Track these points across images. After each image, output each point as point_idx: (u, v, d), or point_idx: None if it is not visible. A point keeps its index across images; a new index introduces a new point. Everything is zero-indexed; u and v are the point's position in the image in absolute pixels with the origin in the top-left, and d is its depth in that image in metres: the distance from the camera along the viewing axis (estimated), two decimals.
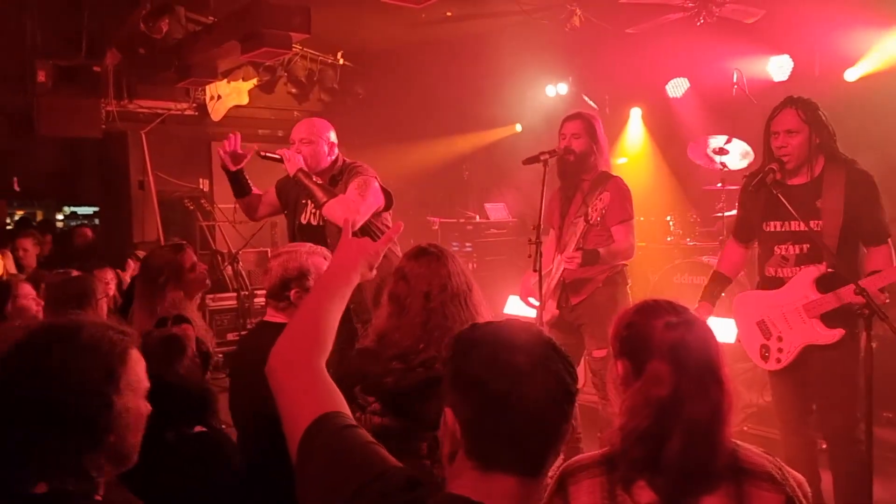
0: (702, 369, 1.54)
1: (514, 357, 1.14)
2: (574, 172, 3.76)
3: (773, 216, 3.05)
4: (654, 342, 1.57)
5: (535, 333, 1.21)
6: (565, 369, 1.16)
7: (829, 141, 2.97)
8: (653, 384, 1.53)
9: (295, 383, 1.29)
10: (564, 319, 3.79)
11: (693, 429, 1.50)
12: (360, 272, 1.53)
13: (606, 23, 6.08)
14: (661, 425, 1.51)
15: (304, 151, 3.58)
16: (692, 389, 1.51)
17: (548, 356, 1.16)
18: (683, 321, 1.59)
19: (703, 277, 5.59)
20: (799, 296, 2.98)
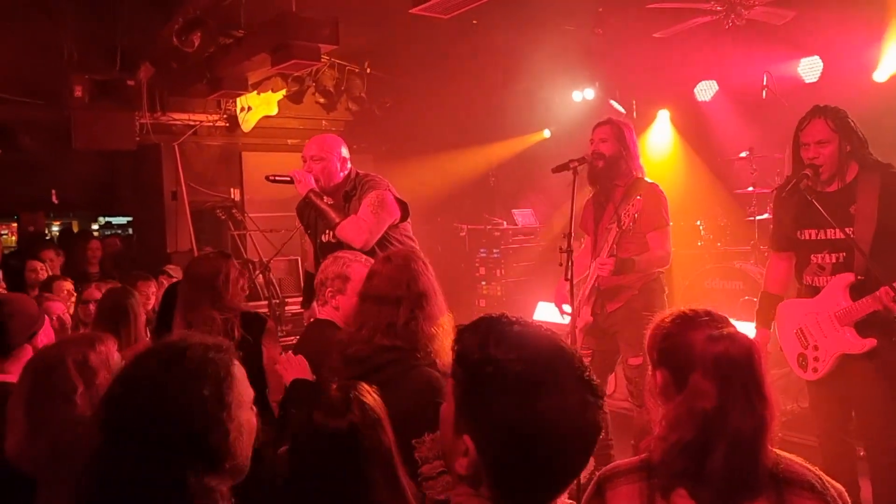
0: (746, 383, 1.53)
1: (546, 399, 1.07)
2: (605, 178, 3.76)
3: (808, 224, 3.02)
4: (696, 355, 1.57)
5: (568, 369, 1.11)
6: (595, 403, 1.11)
7: (860, 147, 2.94)
8: (697, 397, 1.53)
9: None
10: (600, 326, 3.79)
11: (737, 441, 1.49)
12: None
13: (633, 28, 6.05)
14: (704, 438, 1.50)
15: (316, 169, 3.56)
16: (737, 403, 1.51)
17: (579, 392, 1.09)
18: (727, 334, 1.59)
19: (735, 282, 5.58)
20: (832, 304, 2.96)
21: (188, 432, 1.30)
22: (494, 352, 1.10)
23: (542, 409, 1.06)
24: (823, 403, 3.13)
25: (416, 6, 4.52)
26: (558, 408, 1.07)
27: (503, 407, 1.08)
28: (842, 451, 3.10)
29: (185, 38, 6.07)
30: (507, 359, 1.09)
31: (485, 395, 1.10)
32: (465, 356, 1.14)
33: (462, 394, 1.13)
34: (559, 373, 1.09)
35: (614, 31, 6.29)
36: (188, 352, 1.37)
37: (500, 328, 1.14)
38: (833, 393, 3.06)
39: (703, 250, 6.11)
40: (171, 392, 1.32)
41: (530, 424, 1.07)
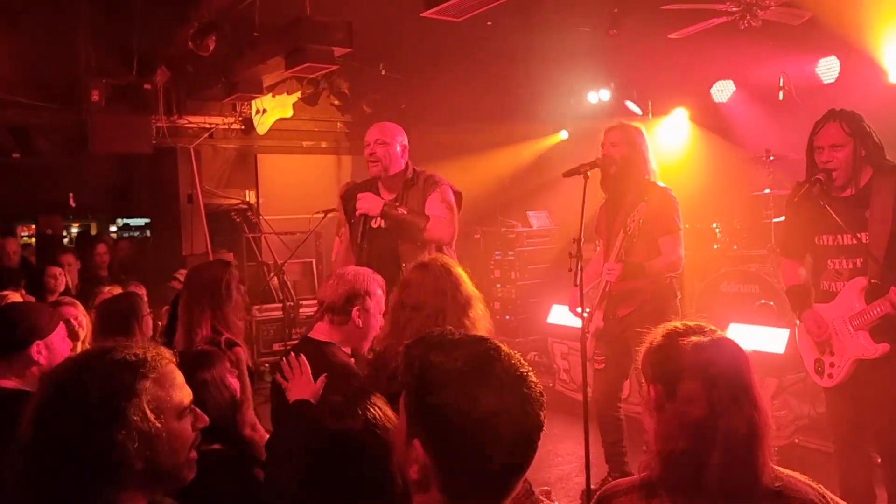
0: (734, 387, 1.54)
1: (485, 393, 1.15)
2: (617, 182, 3.73)
3: (824, 230, 2.99)
4: (684, 363, 1.57)
5: (505, 366, 1.20)
6: (533, 397, 1.18)
7: (875, 151, 2.91)
8: (687, 405, 1.53)
9: None
10: (611, 331, 3.76)
11: (731, 447, 1.48)
12: None
13: (649, 28, 6.01)
14: (698, 446, 1.50)
15: (379, 151, 3.66)
16: (726, 406, 1.51)
17: (517, 387, 1.18)
18: (712, 341, 1.60)
19: (751, 286, 5.52)
20: (846, 308, 2.93)
21: (93, 444, 1.25)
22: (435, 357, 1.20)
23: (481, 402, 1.14)
24: (839, 410, 3.09)
25: (428, 9, 4.52)
26: (497, 401, 1.15)
27: (446, 404, 1.15)
28: (857, 459, 3.07)
29: (200, 42, 6.12)
30: (447, 360, 1.18)
31: (429, 396, 1.18)
32: (411, 365, 1.22)
33: (410, 401, 1.22)
34: (495, 370, 1.18)
35: (629, 32, 6.25)
36: (97, 358, 1.32)
37: (439, 338, 1.24)
38: (848, 400, 3.02)
39: (718, 253, 6.05)
40: (71, 402, 1.27)
41: (472, 418, 1.14)
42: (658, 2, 5.33)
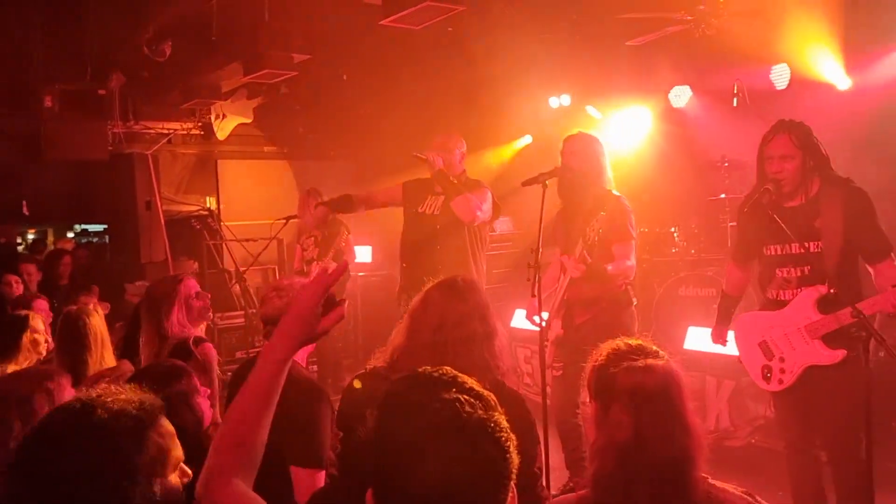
0: (663, 414, 1.56)
1: (433, 478, 1.07)
2: (574, 191, 3.78)
3: (772, 239, 3.06)
4: (616, 386, 1.61)
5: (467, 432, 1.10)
6: (497, 453, 1.10)
7: (822, 162, 2.99)
8: (615, 428, 1.56)
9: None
10: (569, 339, 3.80)
11: (659, 474, 1.52)
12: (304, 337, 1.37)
13: (607, 35, 6.09)
14: (626, 470, 1.52)
15: (444, 159, 4.38)
16: (654, 433, 1.53)
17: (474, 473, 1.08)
18: (643, 366, 1.62)
19: (709, 289, 5.62)
20: (801, 317, 2.99)
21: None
22: (397, 417, 1.13)
23: (426, 482, 1.07)
24: (788, 414, 3.17)
25: (386, 17, 4.53)
26: (443, 480, 1.07)
27: (392, 471, 1.10)
28: (807, 461, 3.14)
29: (156, 48, 6.04)
30: (404, 427, 1.11)
31: (380, 458, 1.12)
32: (380, 409, 1.17)
33: (367, 454, 1.16)
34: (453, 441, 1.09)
35: (589, 39, 6.32)
36: (95, 415, 1.26)
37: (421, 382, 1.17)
38: (798, 404, 3.10)
39: (677, 257, 6.14)
40: (72, 462, 1.22)
41: (417, 485, 1.08)
42: (615, 10, 5.41)
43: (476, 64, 7.23)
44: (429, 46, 6.80)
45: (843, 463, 2.95)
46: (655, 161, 7.26)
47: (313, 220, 5.79)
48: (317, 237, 6.57)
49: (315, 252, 6.55)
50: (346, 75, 7.93)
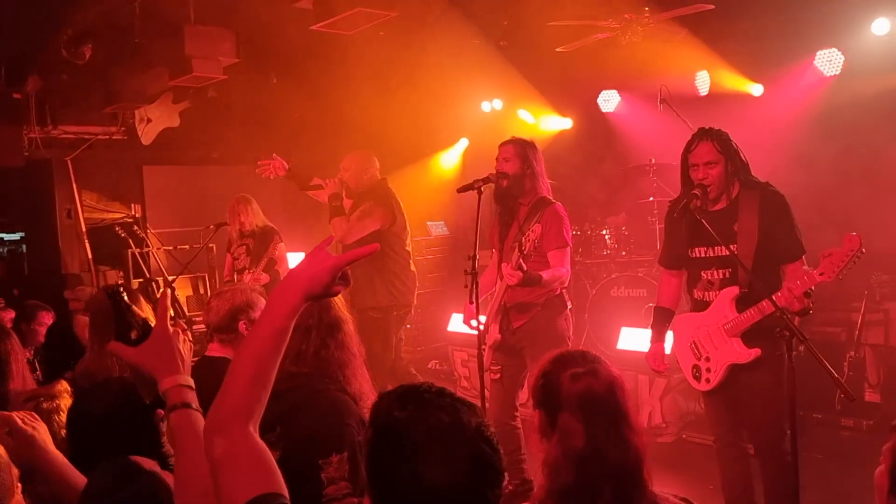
0: (614, 417, 1.58)
1: (432, 475, 1.10)
2: (509, 197, 3.82)
3: (698, 242, 3.16)
4: (562, 395, 1.61)
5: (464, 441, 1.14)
6: (488, 479, 1.14)
7: (742, 168, 3.11)
8: (567, 437, 1.56)
9: (228, 453, 1.20)
10: (507, 342, 3.84)
11: (621, 477, 1.53)
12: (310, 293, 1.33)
13: (537, 41, 6.17)
14: (586, 479, 1.53)
15: (345, 176, 4.91)
16: (608, 439, 1.55)
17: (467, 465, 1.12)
18: (588, 371, 1.63)
19: (640, 290, 5.78)
20: (720, 316, 3.11)
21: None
22: (398, 415, 1.15)
23: (427, 476, 1.10)
24: (716, 412, 3.28)
25: (318, 23, 4.47)
26: (444, 478, 1.10)
27: (394, 470, 1.12)
28: (736, 455, 3.26)
29: (75, 50, 5.77)
30: (406, 423, 1.14)
31: (381, 456, 1.15)
32: (375, 419, 1.19)
33: (368, 454, 1.18)
34: (451, 445, 1.13)
35: (519, 44, 6.41)
36: None
37: (412, 394, 1.19)
38: (725, 401, 3.21)
39: (609, 259, 6.29)
40: None
41: (415, 489, 1.10)
42: (545, 17, 5.50)
43: (408, 68, 7.23)
44: (360, 51, 6.75)
45: (770, 455, 3.08)
46: (585, 164, 7.42)
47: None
48: (248, 245, 6.42)
49: (247, 261, 6.40)
50: (276, 79, 7.79)
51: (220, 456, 1.20)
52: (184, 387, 1.37)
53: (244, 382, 1.27)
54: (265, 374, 1.28)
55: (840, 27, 5.55)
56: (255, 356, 1.28)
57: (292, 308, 1.31)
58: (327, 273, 1.31)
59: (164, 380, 1.37)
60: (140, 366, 1.39)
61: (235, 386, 1.26)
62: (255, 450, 1.22)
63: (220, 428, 1.23)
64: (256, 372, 1.27)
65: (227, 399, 1.25)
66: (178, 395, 1.36)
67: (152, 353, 1.39)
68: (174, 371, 1.38)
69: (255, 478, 1.17)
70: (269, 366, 1.28)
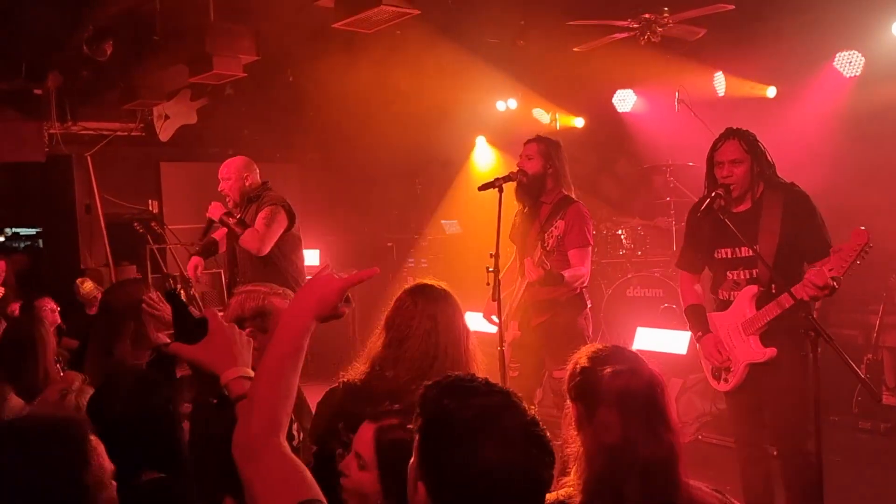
0: (649, 414, 1.61)
1: (490, 455, 1.14)
2: (531, 195, 3.83)
3: (722, 243, 3.16)
4: (601, 390, 1.65)
5: (516, 422, 1.19)
6: (540, 458, 1.18)
7: (767, 168, 3.11)
8: (603, 431, 1.60)
9: (261, 472, 1.22)
10: (526, 340, 3.86)
11: (649, 471, 1.55)
12: (319, 315, 1.38)
13: (554, 41, 6.18)
14: (616, 470, 1.56)
15: (225, 187, 4.56)
16: (642, 434, 1.58)
17: (524, 446, 1.17)
18: (628, 368, 1.66)
19: (656, 290, 5.77)
20: (739, 315, 3.11)
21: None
22: (448, 402, 1.19)
23: (484, 459, 1.14)
24: (738, 412, 3.28)
25: (339, 20, 4.49)
26: (500, 457, 1.14)
27: (450, 454, 1.16)
28: (757, 457, 3.26)
29: (96, 47, 5.81)
30: (458, 408, 1.18)
31: (436, 442, 1.18)
32: (425, 407, 1.22)
33: (419, 445, 1.21)
34: (506, 426, 1.17)
35: (536, 44, 6.40)
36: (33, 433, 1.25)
37: (459, 383, 1.23)
38: (746, 402, 3.21)
39: (624, 259, 6.28)
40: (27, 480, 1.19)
41: (473, 473, 1.14)
42: (563, 16, 5.50)
43: (424, 67, 7.25)
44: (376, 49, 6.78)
45: (793, 457, 3.07)
46: (600, 164, 7.42)
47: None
48: None
49: None
50: (293, 77, 7.83)
51: (253, 475, 1.22)
52: (244, 378, 1.40)
53: (270, 402, 1.29)
54: (288, 388, 1.31)
55: (860, 29, 5.53)
56: (276, 376, 1.31)
57: (305, 329, 1.36)
58: (335, 295, 1.37)
59: (224, 373, 1.40)
60: (201, 363, 1.42)
61: (260, 406, 1.28)
62: (286, 461, 1.24)
63: (251, 448, 1.25)
64: (279, 390, 1.30)
65: (253, 421, 1.27)
66: (240, 386, 1.38)
67: (211, 349, 1.42)
68: (232, 363, 1.40)
69: (291, 488, 1.19)
70: (290, 381, 1.32)
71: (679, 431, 1.65)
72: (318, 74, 7.75)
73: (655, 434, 1.58)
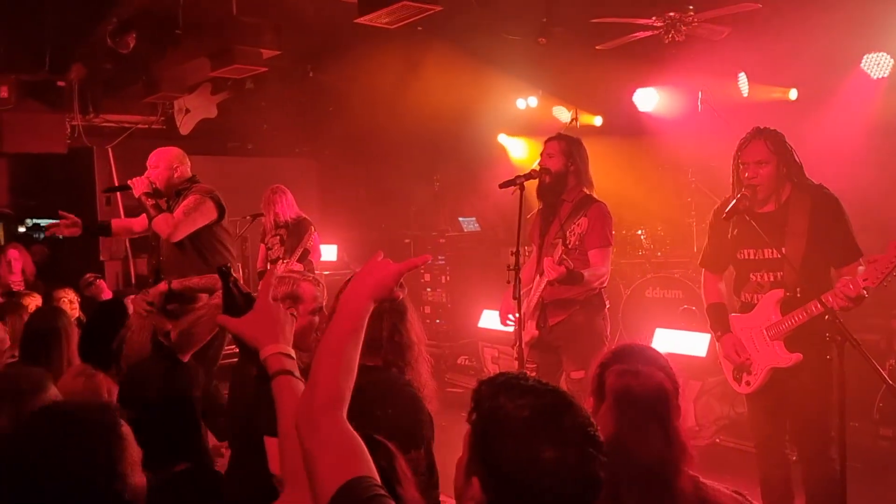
0: (645, 417, 1.61)
1: (547, 447, 1.15)
2: (551, 193, 3.80)
3: (747, 244, 3.12)
4: (607, 387, 1.67)
5: (573, 422, 1.19)
6: (597, 457, 1.18)
7: (795, 169, 3.05)
8: (601, 422, 1.57)
9: (320, 443, 1.25)
10: (543, 340, 3.82)
11: (641, 475, 1.55)
12: (376, 297, 1.43)
13: (576, 39, 6.14)
14: (610, 473, 1.55)
15: (152, 175, 4.38)
16: (633, 435, 1.58)
17: (581, 445, 1.17)
18: (634, 370, 1.67)
19: (675, 291, 5.72)
20: (763, 319, 3.06)
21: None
22: (504, 400, 1.20)
23: (542, 456, 1.15)
24: (759, 415, 3.23)
25: (362, 16, 4.49)
26: (558, 457, 1.15)
27: (507, 451, 1.17)
28: (777, 461, 3.21)
29: (119, 40, 5.85)
30: (515, 406, 1.19)
31: (493, 439, 1.19)
32: (480, 404, 1.23)
33: (474, 439, 1.22)
34: (563, 424, 1.18)
35: (558, 42, 6.37)
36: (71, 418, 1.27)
37: (513, 381, 1.24)
38: (768, 405, 3.16)
39: (644, 259, 6.24)
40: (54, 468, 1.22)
41: (530, 470, 1.15)
42: (586, 14, 5.47)
43: (445, 64, 7.23)
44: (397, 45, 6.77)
45: (815, 462, 3.02)
46: (621, 163, 7.36)
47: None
48: (282, 236, 6.49)
49: (280, 251, 6.46)
50: (313, 72, 7.84)
51: (313, 446, 1.25)
52: (283, 355, 1.45)
53: (332, 375, 1.33)
54: (349, 363, 1.36)
55: (889, 29, 5.44)
56: (337, 352, 1.36)
57: (364, 311, 1.41)
58: (392, 279, 1.43)
59: (265, 348, 1.45)
60: (244, 336, 1.48)
61: (323, 379, 1.33)
62: (346, 435, 1.27)
63: (312, 420, 1.28)
64: (341, 365, 1.35)
65: (316, 392, 1.31)
66: (278, 362, 1.44)
67: (255, 324, 1.48)
68: (274, 340, 1.46)
69: (347, 462, 1.22)
70: (352, 357, 1.37)
71: (680, 440, 1.63)
72: (338, 70, 7.77)
73: (645, 438, 1.58)
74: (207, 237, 4.30)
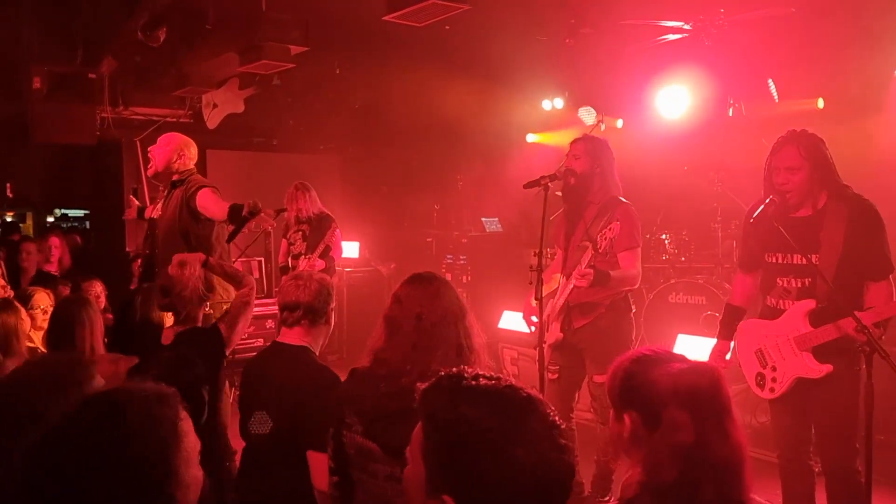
0: (718, 411, 1.55)
1: (525, 456, 1.11)
2: (577, 195, 3.77)
3: (775, 248, 3.07)
4: (665, 390, 1.57)
5: (539, 416, 1.16)
6: (567, 445, 1.16)
7: (830, 175, 2.98)
8: (674, 432, 1.52)
9: None
10: (567, 342, 3.80)
11: (722, 474, 1.49)
12: None
13: (605, 40, 6.10)
14: (687, 476, 1.49)
15: (155, 153, 4.46)
16: (714, 433, 1.52)
17: (556, 444, 1.14)
18: (691, 367, 1.61)
19: (698, 297, 5.66)
20: (791, 328, 3.01)
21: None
22: (466, 409, 1.14)
23: (520, 460, 1.11)
24: (783, 422, 3.18)
25: (390, 13, 4.49)
26: (534, 455, 1.12)
27: (483, 463, 1.11)
28: (800, 470, 3.16)
29: (150, 33, 5.93)
30: (479, 414, 1.13)
31: (464, 454, 1.12)
32: (436, 416, 1.16)
33: (436, 453, 1.15)
34: (531, 422, 1.15)
35: (585, 43, 6.33)
36: (129, 408, 1.19)
37: (465, 384, 1.17)
38: (792, 411, 3.11)
39: (667, 264, 6.18)
40: (109, 458, 1.14)
41: (510, 476, 1.11)
42: (615, 16, 5.43)
43: (472, 63, 7.22)
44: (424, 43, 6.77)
45: (839, 474, 2.97)
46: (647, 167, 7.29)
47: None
48: (304, 231, 6.53)
49: (303, 246, 6.50)
50: (339, 69, 7.87)
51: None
52: None
53: None
54: None
55: None
56: None
57: None
58: None
59: None
60: None
61: None
62: None
63: None
64: None
65: None
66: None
67: None
68: None
69: None
70: None
71: (743, 428, 1.59)
72: (365, 68, 7.79)
73: (726, 432, 1.53)
74: (205, 232, 4.30)
